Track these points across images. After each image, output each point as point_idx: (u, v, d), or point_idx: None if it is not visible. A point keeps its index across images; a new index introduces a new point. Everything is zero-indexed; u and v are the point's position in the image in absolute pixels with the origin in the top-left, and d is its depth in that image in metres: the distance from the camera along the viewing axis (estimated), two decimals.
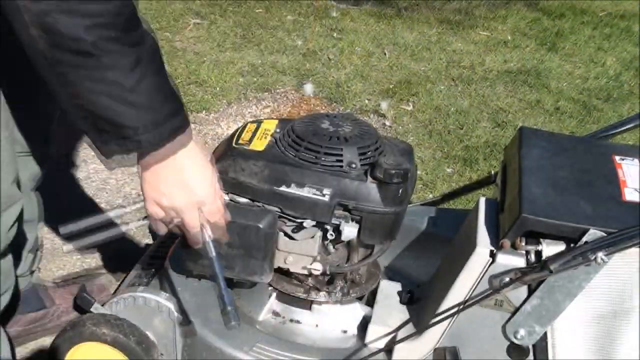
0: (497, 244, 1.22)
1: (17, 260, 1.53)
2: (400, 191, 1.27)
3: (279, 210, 1.28)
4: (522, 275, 1.18)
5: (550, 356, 1.25)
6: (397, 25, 4.01)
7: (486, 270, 1.22)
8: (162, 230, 1.13)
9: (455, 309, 1.25)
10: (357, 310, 1.45)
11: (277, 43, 3.59)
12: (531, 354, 1.26)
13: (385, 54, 3.61)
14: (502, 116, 3.03)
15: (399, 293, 1.44)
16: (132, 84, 0.94)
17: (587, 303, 1.21)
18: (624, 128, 1.48)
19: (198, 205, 1.10)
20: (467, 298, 1.24)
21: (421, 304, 1.41)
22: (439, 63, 3.56)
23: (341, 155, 1.29)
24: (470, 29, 4.06)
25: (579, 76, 3.56)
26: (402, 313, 1.40)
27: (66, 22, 0.88)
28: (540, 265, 1.16)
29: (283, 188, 1.26)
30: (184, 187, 1.07)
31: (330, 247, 1.36)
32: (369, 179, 1.27)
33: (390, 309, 1.41)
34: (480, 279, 1.22)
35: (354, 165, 1.28)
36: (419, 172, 2.50)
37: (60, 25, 0.89)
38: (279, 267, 1.37)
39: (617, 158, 1.33)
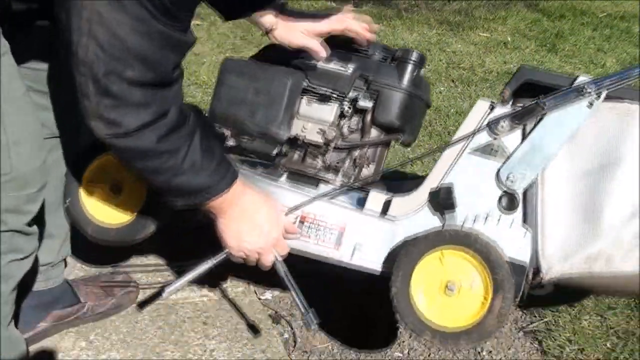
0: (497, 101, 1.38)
1: (49, 251, 1.59)
2: (415, 73, 1.46)
3: (306, 80, 1.46)
4: (518, 116, 1.34)
5: (538, 209, 1.34)
6: (397, 26, 4.02)
7: (485, 118, 1.37)
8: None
9: (451, 147, 1.39)
10: (362, 193, 1.50)
11: None
12: (520, 206, 1.36)
13: None
14: None
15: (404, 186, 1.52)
16: (193, 160, 1.18)
17: (576, 159, 1.32)
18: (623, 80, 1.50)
19: (273, 244, 1.35)
20: (465, 145, 1.38)
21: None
22: (439, 64, 3.56)
23: (368, 48, 1.50)
24: (470, 30, 4.06)
25: None
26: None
27: (136, 142, 1.13)
28: (535, 104, 1.32)
29: (312, 63, 1.47)
30: (260, 232, 1.32)
31: (345, 128, 1.50)
32: (389, 62, 1.48)
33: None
34: (479, 127, 1.38)
35: (377, 53, 1.50)
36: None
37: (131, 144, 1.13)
38: (295, 138, 1.49)
39: None
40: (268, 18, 1.47)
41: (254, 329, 1.72)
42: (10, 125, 1.18)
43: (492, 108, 1.38)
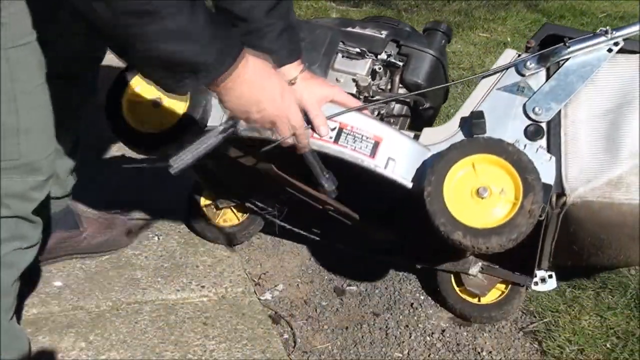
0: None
1: (55, 185, 1.66)
2: (443, 43, 1.62)
3: (342, 43, 1.60)
4: (544, 57, 1.51)
5: (562, 139, 1.47)
6: None
7: (513, 62, 1.53)
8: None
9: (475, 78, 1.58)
10: None
11: None
12: (545, 138, 1.48)
13: None
14: None
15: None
16: (194, 26, 1.06)
17: (596, 100, 1.48)
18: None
19: (286, 114, 1.25)
20: (494, 84, 1.53)
21: None
22: None
23: (397, 23, 1.67)
24: (469, 30, 4.06)
25: None
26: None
27: None
28: (560, 45, 1.49)
29: (349, 29, 1.62)
30: (271, 101, 1.22)
31: (375, 87, 1.61)
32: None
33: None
34: (509, 65, 1.53)
35: (407, 28, 1.66)
36: None
37: None
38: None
39: None
40: (290, 71, 1.43)
41: (253, 330, 1.72)
42: (23, 114, 1.20)
43: (518, 56, 1.55)
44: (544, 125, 1.49)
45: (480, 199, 1.37)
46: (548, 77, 1.51)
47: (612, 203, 1.43)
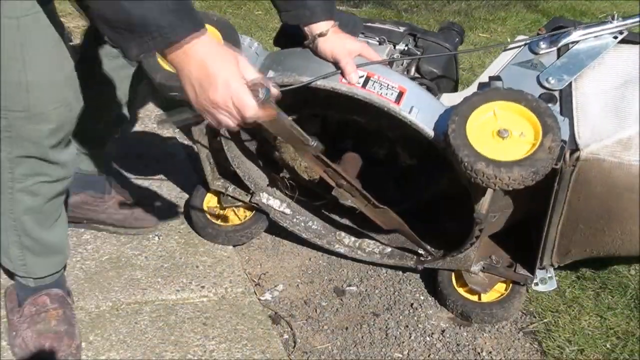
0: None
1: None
2: (457, 40, 1.75)
3: (362, 34, 1.73)
4: (555, 38, 1.66)
5: (574, 105, 1.57)
6: None
7: (530, 40, 1.69)
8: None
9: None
10: None
11: None
12: (557, 104, 1.58)
13: None
14: None
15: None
16: None
17: (603, 79, 1.60)
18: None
19: (232, 98, 1.17)
20: (509, 60, 1.68)
21: None
22: None
23: (414, 24, 1.80)
24: (469, 30, 4.06)
25: None
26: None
27: None
28: (571, 28, 1.66)
29: (370, 24, 1.74)
30: (209, 81, 1.16)
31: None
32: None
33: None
34: (525, 43, 1.69)
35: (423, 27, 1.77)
36: None
37: None
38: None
39: None
40: (322, 26, 1.56)
41: (253, 330, 1.72)
42: (31, 72, 1.31)
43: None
44: (556, 94, 1.59)
45: (501, 139, 1.43)
46: (559, 56, 1.65)
47: (622, 163, 1.50)
